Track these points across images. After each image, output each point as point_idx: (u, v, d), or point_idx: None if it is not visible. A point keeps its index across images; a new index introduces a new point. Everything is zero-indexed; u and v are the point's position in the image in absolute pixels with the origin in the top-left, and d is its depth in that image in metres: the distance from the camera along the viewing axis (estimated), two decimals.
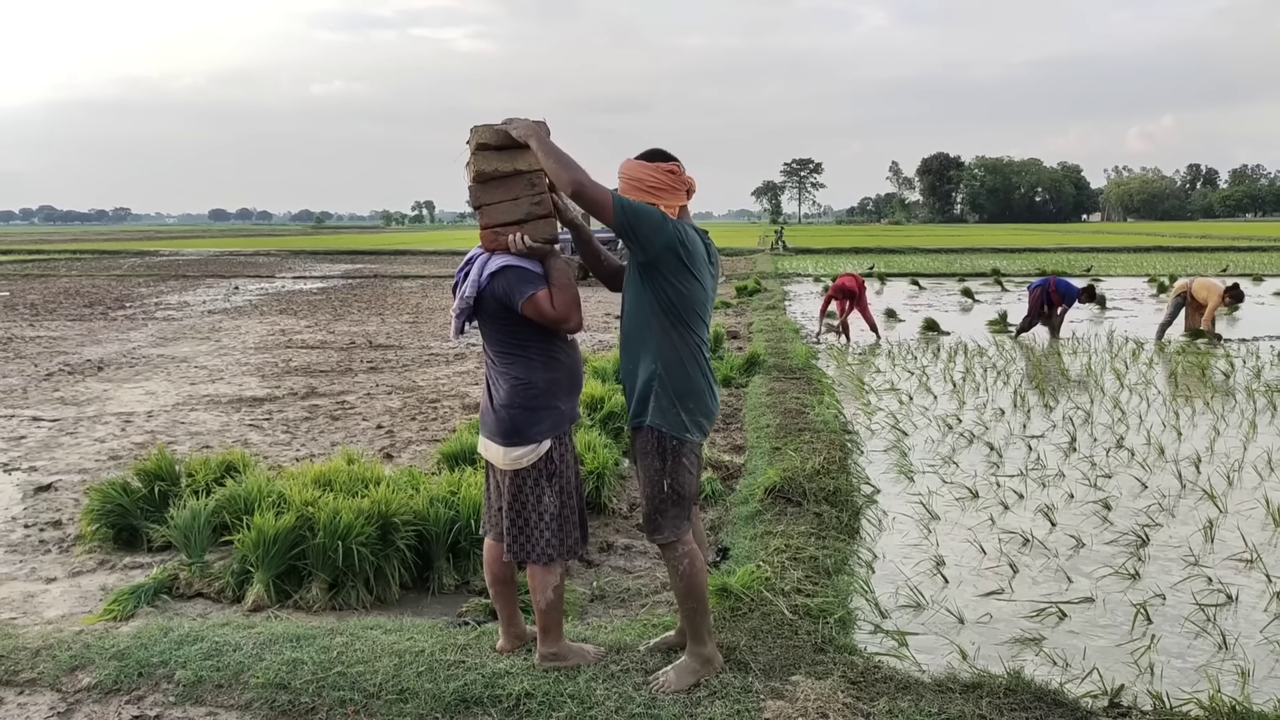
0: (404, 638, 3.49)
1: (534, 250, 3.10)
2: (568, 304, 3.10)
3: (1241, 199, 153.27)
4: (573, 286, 3.10)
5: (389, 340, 13.15)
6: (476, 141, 3.10)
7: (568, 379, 3.25)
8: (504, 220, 3.12)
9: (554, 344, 3.21)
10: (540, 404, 3.17)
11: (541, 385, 3.17)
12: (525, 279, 3.09)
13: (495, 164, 3.10)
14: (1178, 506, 5.34)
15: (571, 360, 3.28)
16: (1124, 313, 16.01)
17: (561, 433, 3.23)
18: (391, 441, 6.97)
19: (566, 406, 3.24)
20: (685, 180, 3.07)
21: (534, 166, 3.06)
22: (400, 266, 32.83)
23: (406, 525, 4.26)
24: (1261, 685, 3.28)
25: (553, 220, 3.14)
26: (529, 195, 3.09)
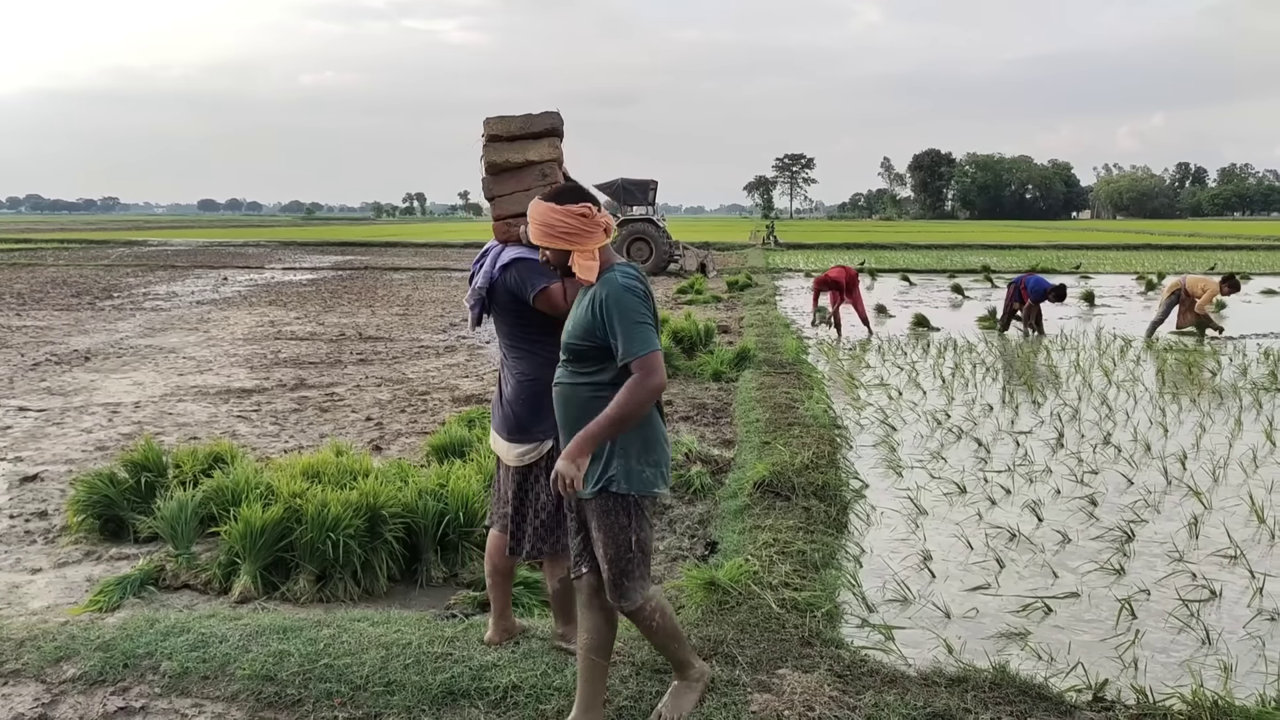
0: (391, 630, 3.48)
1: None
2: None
3: (1230, 198, 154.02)
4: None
5: (379, 332, 13.11)
6: (488, 133, 3.08)
7: None
8: (516, 211, 3.09)
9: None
10: (545, 402, 3.09)
11: (548, 383, 3.12)
12: (537, 271, 3.03)
13: (507, 155, 3.07)
14: (1163, 503, 5.38)
15: None
16: (1113, 310, 16.09)
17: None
18: (380, 434, 6.95)
19: None
20: (600, 222, 2.75)
21: (545, 157, 3.03)
22: (391, 259, 32.74)
23: (395, 518, 4.25)
24: (1244, 680, 3.31)
25: None
26: (541, 186, 3.04)
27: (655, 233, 24.91)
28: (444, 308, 16.63)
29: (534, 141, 3.04)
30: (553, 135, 3.06)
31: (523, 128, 3.04)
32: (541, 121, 3.05)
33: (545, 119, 3.04)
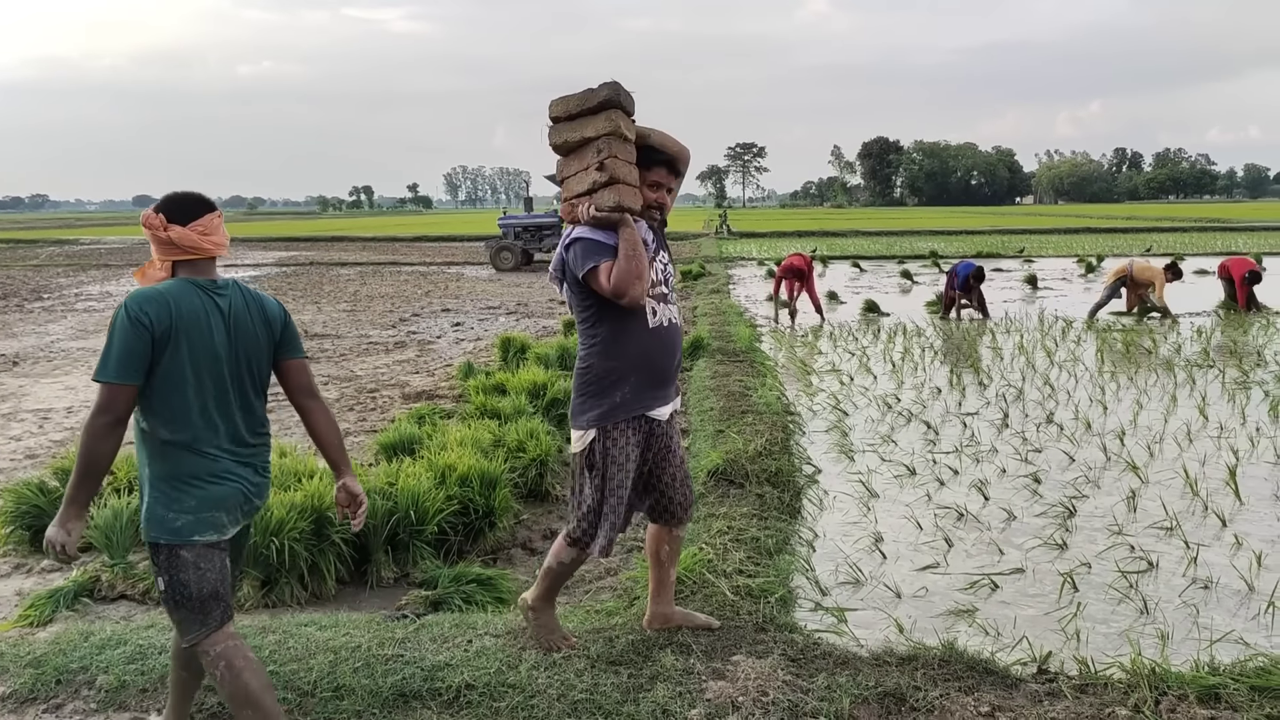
0: (340, 633, 3.42)
1: (600, 220, 2.92)
2: (623, 275, 2.85)
3: (1164, 181, 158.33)
4: (638, 258, 2.86)
5: (325, 329, 12.88)
6: (550, 115, 3.02)
7: (634, 369, 3.02)
8: (578, 191, 3.00)
9: (625, 328, 3.00)
10: (592, 391, 3.03)
11: (599, 372, 3.02)
12: (591, 251, 2.93)
13: (565, 135, 3.00)
14: (1103, 478, 5.51)
15: (645, 348, 3.03)
16: (1055, 292, 16.45)
17: (612, 424, 3.03)
18: None
19: (627, 397, 3.02)
20: (172, 236, 2.50)
21: (601, 132, 2.91)
22: (338, 254, 32.21)
23: (343, 519, 4.17)
24: (1179, 647, 3.40)
25: (617, 187, 2.90)
26: (594, 163, 2.95)
27: None
28: (393, 303, 16.40)
29: (591, 117, 2.91)
30: (609, 108, 2.90)
31: (580, 105, 2.94)
32: (597, 95, 2.92)
33: (601, 92, 2.91)
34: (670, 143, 3.10)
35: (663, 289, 3.11)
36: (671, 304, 3.14)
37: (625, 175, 2.93)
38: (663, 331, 3.07)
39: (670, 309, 3.12)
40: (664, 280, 3.12)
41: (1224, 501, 5.01)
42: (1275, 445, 6.08)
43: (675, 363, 3.15)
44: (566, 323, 11.37)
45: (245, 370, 2.59)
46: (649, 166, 3.05)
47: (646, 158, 3.04)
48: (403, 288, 19.31)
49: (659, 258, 3.12)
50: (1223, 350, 9.80)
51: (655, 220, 3.13)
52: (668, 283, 3.15)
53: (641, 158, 3.03)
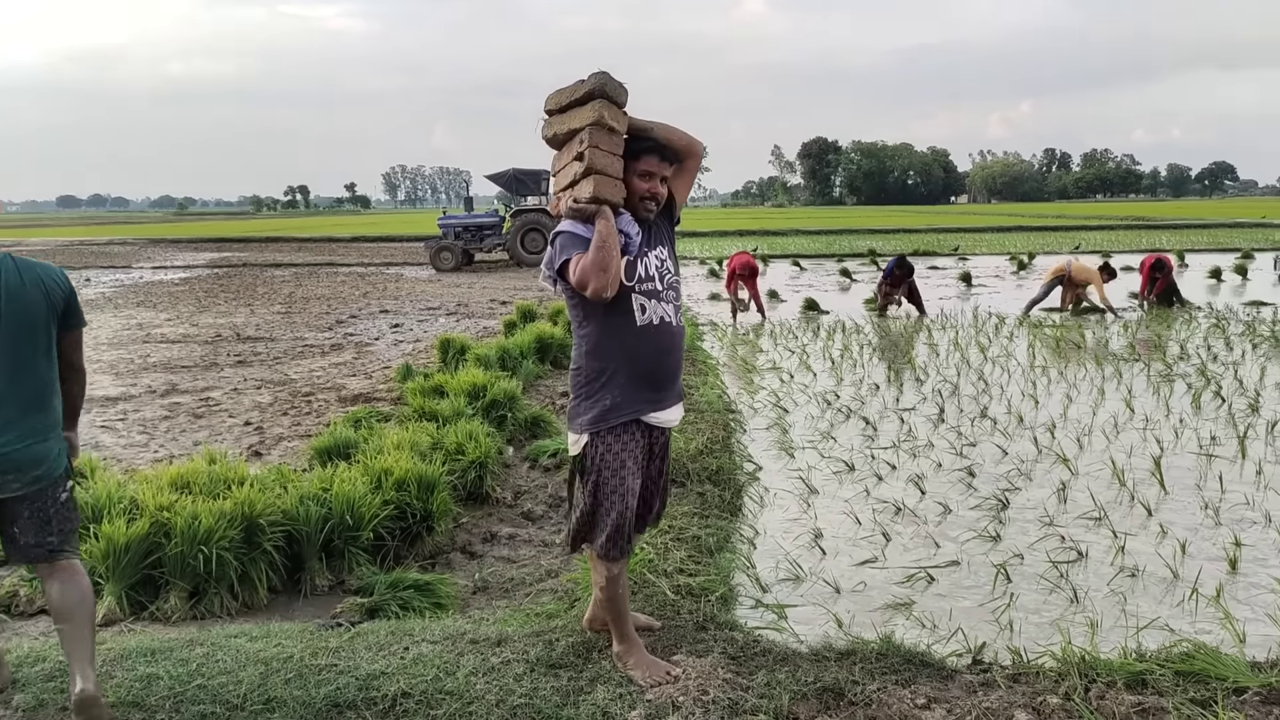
0: (271, 644, 3.33)
1: (577, 212, 2.85)
2: (585, 268, 2.77)
3: (1092, 181, 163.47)
4: (605, 250, 2.76)
5: (259, 332, 12.57)
6: (545, 108, 2.96)
7: (628, 370, 2.92)
8: (564, 184, 2.94)
9: (612, 327, 2.91)
10: (585, 393, 2.95)
11: (588, 373, 2.95)
12: (569, 244, 2.86)
13: (555, 128, 2.95)
14: (1035, 470, 5.64)
15: (635, 349, 2.92)
16: (988, 289, 16.84)
17: (606, 428, 2.94)
18: (261, 439, 6.66)
19: (618, 400, 2.93)
20: None
21: (586, 121, 2.82)
22: (272, 254, 31.49)
23: (274, 526, 4.08)
24: (1108, 635, 3.50)
25: (593, 179, 2.82)
26: (576, 154, 2.88)
27: (550, 223, 24.68)
28: (330, 304, 16.08)
29: (579, 109, 2.85)
30: (594, 98, 2.82)
31: (570, 96, 2.88)
32: (584, 86, 2.83)
33: (588, 82, 2.84)
34: (675, 134, 3.01)
35: (653, 285, 2.96)
36: (667, 302, 2.99)
37: (604, 166, 2.83)
38: (652, 330, 2.94)
39: (664, 307, 2.97)
40: (657, 276, 2.98)
41: (1149, 491, 5.17)
42: (1198, 436, 6.30)
43: (671, 364, 3.01)
44: (507, 323, 11.27)
45: (18, 336, 2.72)
46: (638, 156, 2.93)
47: (636, 146, 2.94)
48: (340, 289, 18.95)
49: (654, 252, 2.99)
50: (1147, 344, 10.13)
51: (649, 212, 3.00)
52: (663, 279, 3.00)
53: (632, 147, 2.93)
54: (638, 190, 2.95)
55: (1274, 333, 10.55)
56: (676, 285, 3.08)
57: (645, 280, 2.94)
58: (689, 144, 3.03)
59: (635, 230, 2.95)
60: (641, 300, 2.93)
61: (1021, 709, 2.85)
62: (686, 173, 3.10)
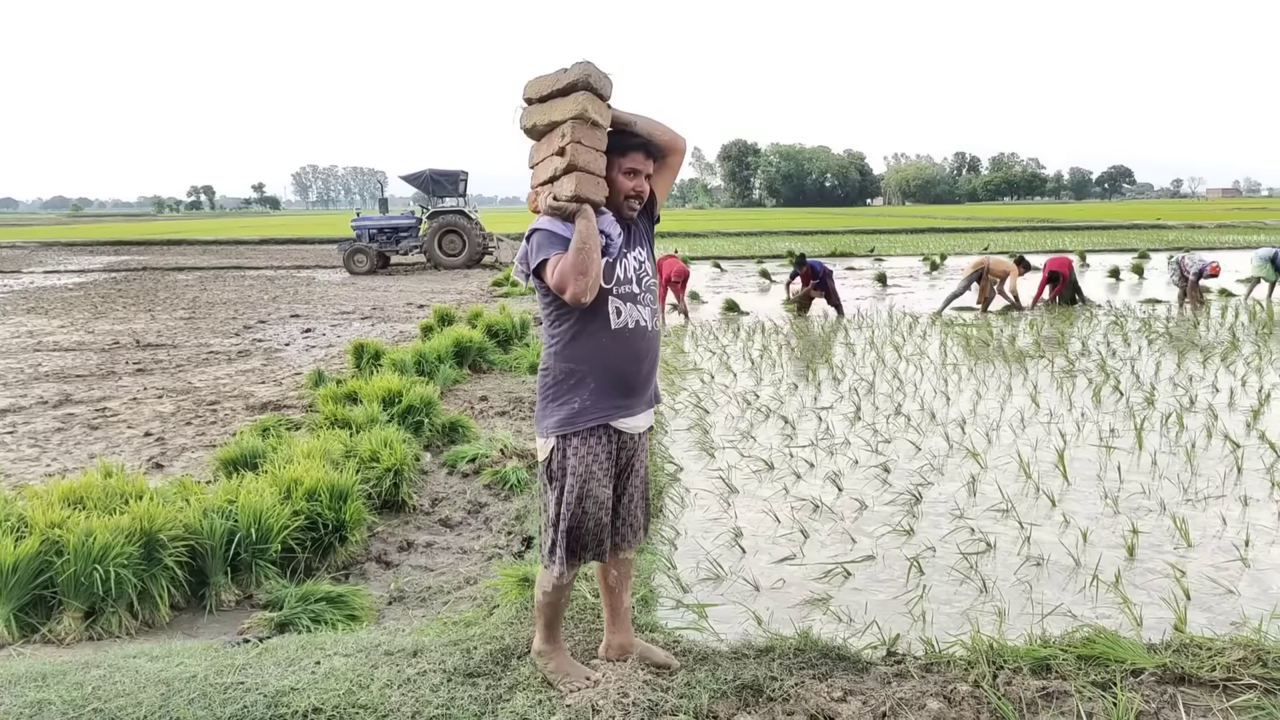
0: (173, 664, 3.18)
1: (556, 209, 2.71)
2: (565, 270, 2.64)
3: (1000, 184, 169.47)
4: (585, 252, 2.64)
5: (160, 339, 12.07)
6: (524, 96, 2.79)
7: (599, 373, 2.81)
8: (542, 179, 2.77)
9: (589, 328, 2.79)
10: (553, 395, 2.84)
11: (556, 374, 2.83)
12: (546, 243, 2.72)
13: (534, 119, 2.77)
14: (946, 465, 5.80)
15: (607, 351, 2.81)
16: (903, 290, 17.29)
17: (572, 432, 2.81)
18: (162, 450, 6.38)
19: (585, 403, 2.81)
20: None
21: (568, 115, 2.66)
22: (174, 258, 30.33)
23: (176, 540, 3.91)
24: (1015, 623, 3.61)
25: (575, 175, 2.67)
26: (558, 149, 2.70)
27: (467, 225, 24.45)
28: (237, 309, 15.56)
29: (561, 100, 2.69)
30: (578, 90, 2.66)
31: (551, 86, 2.71)
32: (568, 76, 2.67)
33: (573, 72, 2.66)
34: (658, 129, 2.86)
35: (631, 288, 2.85)
36: (644, 305, 2.89)
37: (587, 163, 2.69)
38: (627, 334, 2.82)
39: (640, 310, 2.87)
40: (635, 279, 2.87)
41: (1053, 483, 5.37)
42: (1099, 429, 6.57)
43: (644, 370, 2.90)
44: (424, 327, 11.07)
45: None
46: (624, 152, 2.79)
47: (621, 142, 2.79)
48: (247, 293, 18.35)
49: (633, 254, 2.88)
50: (1051, 341, 10.54)
51: (632, 211, 2.89)
52: (641, 282, 2.89)
53: (616, 142, 2.79)
54: (622, 188, 2.83)
55: (1168, 329, 11.10)
56: (654, 288, 2.97)
57: (623, 283, 2.84)
58: (671, 140, 2.90)
59: (617, 231, 2.83)
60: (617, 303, 2.82)
61: (933, 698, 2.92)
62: (669, 170, 2.99)
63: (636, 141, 2.81)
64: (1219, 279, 15.39)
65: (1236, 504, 4.98)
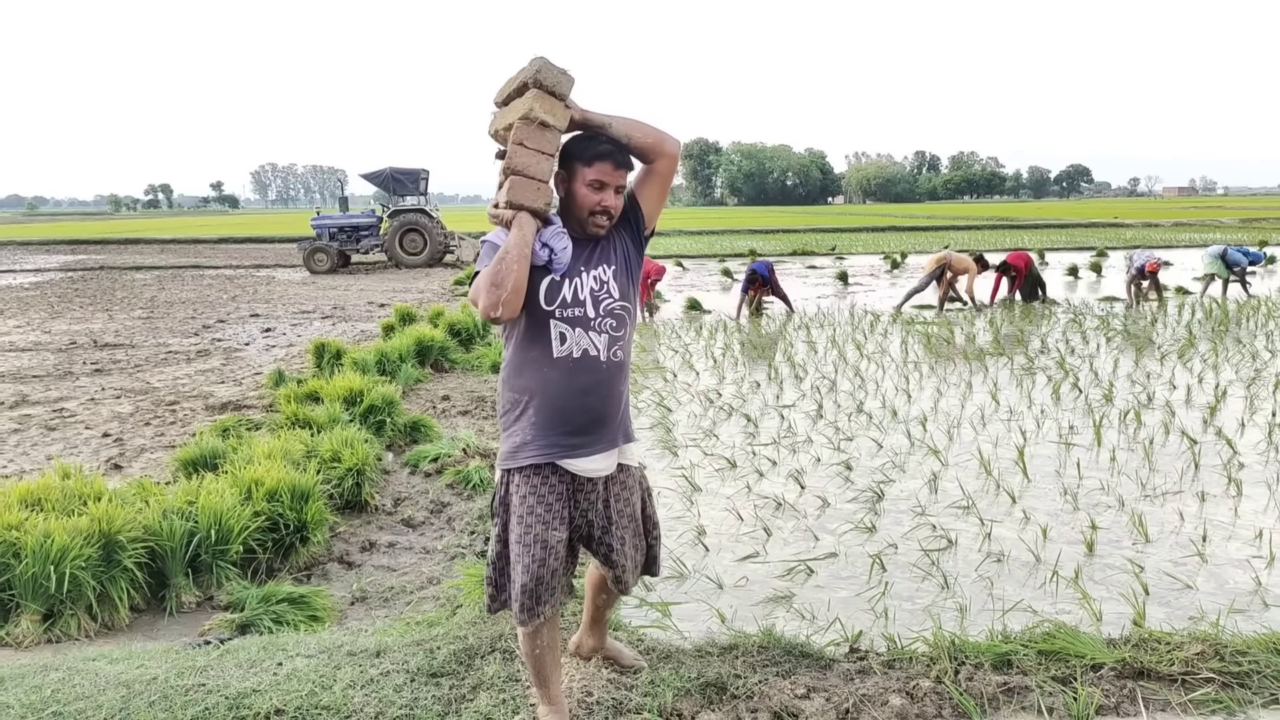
0: (133, 666, 3.14)
1: (494, 217, 2.49)
2: (477, 283, 2.40)
3: (960, 183, 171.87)
4: (504, 263, 2.36)
5: (118, 339, 11.83)
6: (495, 100, 2.62)
7: (536, 405, 2.50)
8: (498, 185, 2.53)
9: (527, 355, 2.52)
10: (503, 425, 2.59)
11: (505, 403, 2.58)
12: (485, 255, 2.48)
13: (498, 123, 2.58)
14: (908, 463, 5.87)
15: (547, 381, 2.49)
16: (864, 288, 17.45)
17: (515, 467, 2.55)
18: (121, 451, 6.26)
19: (526, 437, 2.52)
20: None
21: (520, 114, 2.43)
22: (132, 257, 29.76)
23: (135, 542, 3.85)
24: (976, 618, 3.67)
25: (511, 180, 2.42)
26: (509, 149, 2.47)
27: (429, 223, 24.26)
28: (196, 309, 15.30)
29: (518, 100, 2.47)
30: (530, 88, 2.43)
31: (511, 87, 2.51)
32: (521, 75, 2.45)
33: (527, 70, 2.44)
34: (638, 130, 2.51)
35: (580, 310, 2.49)
36: (599, 332, 2.51)
37: (525, 166, 2.42)
38: (570, 364, 2.48)
39: (591, 337, 2.50)
40: (589, 301, 2.50)
41: (1014, 480, 5.46)
42: (1058, 425, 6.69)
43: (592, 405, 2.52)
44: (386, 327, 10.97)
45: None
46: (589, 161, 2.47)
47: (587, 149, 2.49)
48: (206, 293, 18.05)
49: (594, 272, 2.52)
50: (1011, 339, 10.71)
51: (599, 229, 2.53)
52: (598, 305, 2.51)
53: (582, 149, 2.50)
54: (585, 203, 2.50)
55: (1125, 327, 11.33)
56: (619, 313, 2.56)
57: (571, 305, 2.49)
58: (656, 141, 2.52)
59: (564, 245, 2.48)
60: (562, 328, 2.49)
61: (896, 693, 2.96)
62: (656, 176, 2.61)
63: (603, 149, 2.48)
64: (1169, 275, 15.75)
65: (1194, 500, 5.10)
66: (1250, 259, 14.83)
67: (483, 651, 3.22)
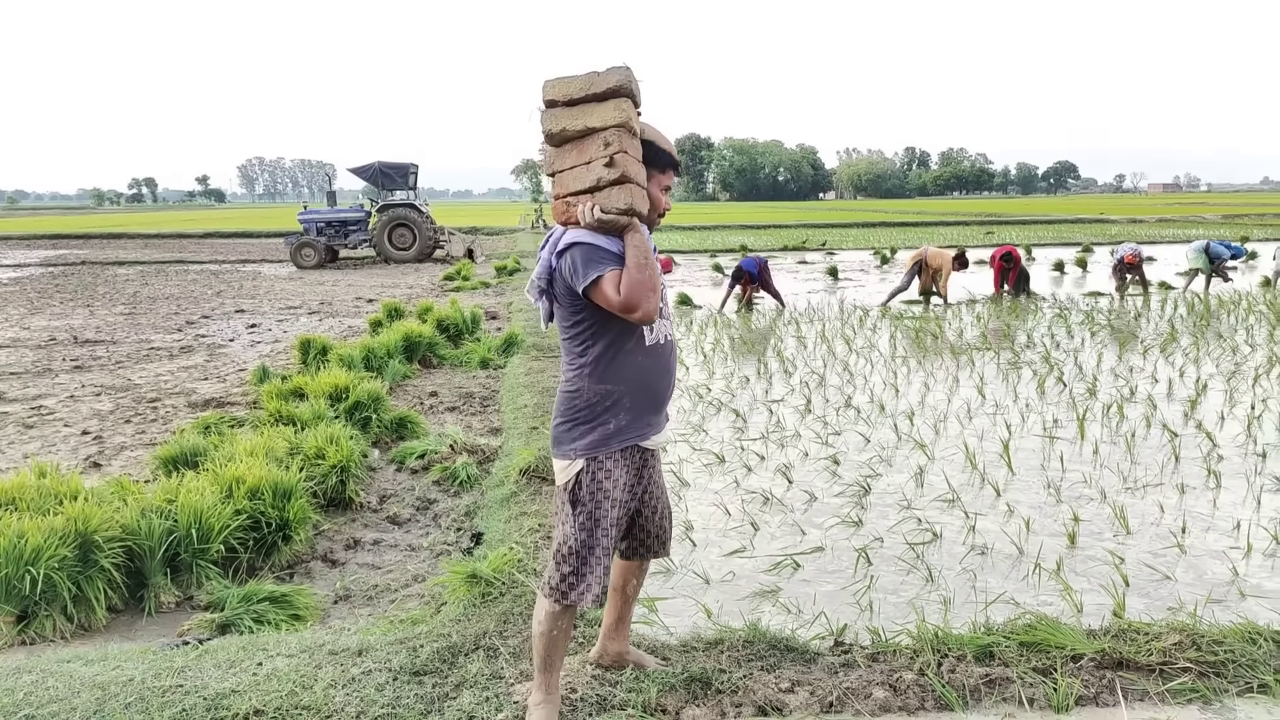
0: (109, 667, 3.10)
1: (605, 223, 2.57)
2: (636, 287, 2.52)
3: (949, 179, 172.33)
4: (650, 267, 2.55)
5: (99, 335, 11.74)
6: (545, 98, 2.63)
7: (634, 393, 2.69)
8: (576, 189, 2.61)
9: (625, 346, 2.67)
10: (583, 417, 2.67)
11: (590, 396, 2.67)
12: (593, 258, 2.55)
13: (564, 123, 2.60)
14: (895, 456, 5.87)
15: (642, 369, 2.70)
16: (854, 283, 17.47)
17: (603, 454, 2.68)
18: (100, 449, 6.20)
19: (622, 424, 2.69)
20: None
21: (608, 123, 2.54)
22: (115, 252, 29.55)
23: (113, 541, 3.81)
24: (960, 611, 3.67)
25: (629, 187, 2.56)
26: (601, 158, 2.56)
27: (418, 218, 24.17)
28: (180, 304, 15.19)
29: (597, 105, 2.55)
30: (618, 96, 2.55)
31: (584, 89, 2.56)
32: (605, 80, 2.54)
33: (610, 76, 2.54)
34: (663, 140, 2.76)
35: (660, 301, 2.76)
36: (664, 318, 2.80)
37: (636, 174, 2.59)
38: (659, 350, 2.74)
39: (664, 324, 2.79)
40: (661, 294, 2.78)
41: (998, 473, 5.46)
42: (1043, 419, 6.70)
43: (671, 384, 2.82)
44: (373, 322, 10.92)
45: None
46: (663, 168, 2.72)
47: (659, 157, 2.71)
48: (191, 288, 17.94)
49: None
50: (998, 334, 10.73)
51: (656, 228, 2.85)
52: (663, 294, 2.77)
53: (653, 156, 2.70)
54: (657, 204, 2.75)
55: (1110, 321, 11.37)
56: (667, 300, 2.89)
57: None
58: (670, 152, 2.80)
59: (652, 246, 2.72)
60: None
61: (879, 686, 2.95)
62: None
63: (673, 159, 2.76)
64: (1153, 270, 15.82)
65: (1174, 492, 5.12)
66: (1232, 253, 14.92)
67: (466, 649, 3.20)
